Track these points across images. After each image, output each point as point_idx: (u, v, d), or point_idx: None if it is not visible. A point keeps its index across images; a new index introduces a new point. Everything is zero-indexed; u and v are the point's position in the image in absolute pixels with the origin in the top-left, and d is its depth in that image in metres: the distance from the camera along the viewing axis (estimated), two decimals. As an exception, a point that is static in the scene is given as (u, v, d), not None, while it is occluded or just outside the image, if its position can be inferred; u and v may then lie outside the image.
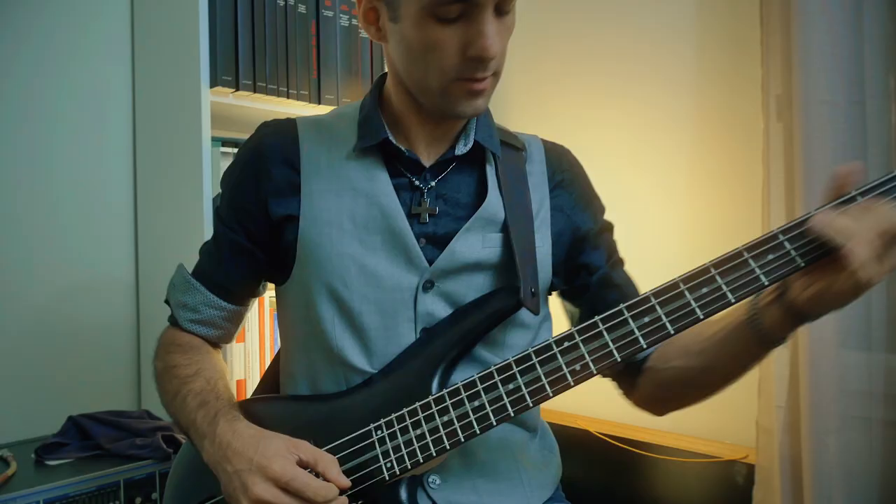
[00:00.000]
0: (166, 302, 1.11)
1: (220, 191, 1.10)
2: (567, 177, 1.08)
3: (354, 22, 1.85)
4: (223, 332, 1.09)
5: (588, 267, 1.06)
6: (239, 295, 1.08)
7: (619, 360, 0.85)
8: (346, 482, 0.86)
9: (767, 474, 1.59)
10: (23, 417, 1.65)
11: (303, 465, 0.85)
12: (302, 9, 1.75)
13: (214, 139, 1.62)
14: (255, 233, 1.02)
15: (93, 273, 1.80)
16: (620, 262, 1.10)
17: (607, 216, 1.12)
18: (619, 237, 1.17)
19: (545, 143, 1.12)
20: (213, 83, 1.60)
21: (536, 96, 2.17)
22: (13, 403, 1.66)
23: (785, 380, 1.57)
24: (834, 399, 1.49)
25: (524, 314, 0.98)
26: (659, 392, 1.02)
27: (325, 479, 0.84)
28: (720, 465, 1.69)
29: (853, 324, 1.49)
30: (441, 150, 1.01)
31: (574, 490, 1.87)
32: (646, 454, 1.77)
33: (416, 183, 0.99)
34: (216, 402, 0.95)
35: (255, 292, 1.10)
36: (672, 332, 0.84)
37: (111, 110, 1.82)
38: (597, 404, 1.86)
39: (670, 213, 1.89)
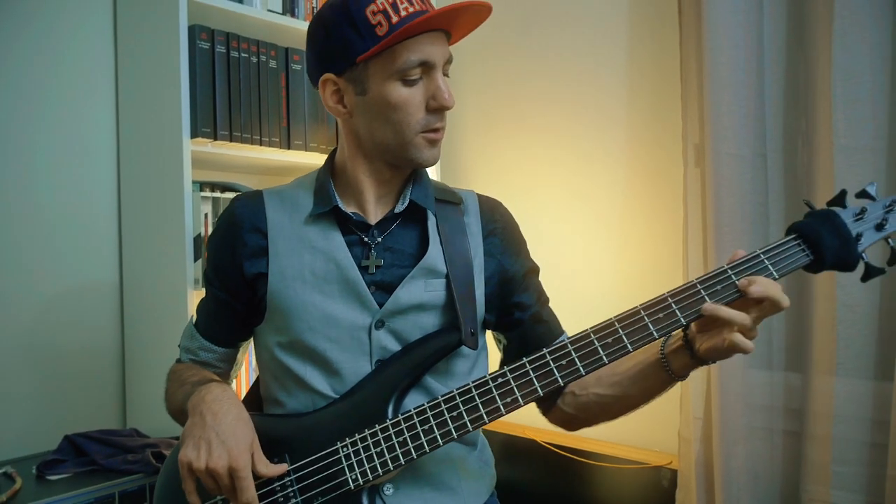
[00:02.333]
0: (179, 346, 1.31)
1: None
2: (498, 226, 1.26)
3: (321, 73, 2.03)
4: (220, 371, 1.28)
5: (520, 305, 1.24)
6: (227, 340, 1.27)
7: (541, 395, 1.05)
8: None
9: (687, 479, 1.79)
10: (18, 435, 1.81)
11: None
12: (273, 64, 1.94)
13: (195, 182, 1.80)
14: (235, 289, 1.21)
15: (80, 305, 1.96)
16: (547, 300, 1.29)
17: (550, 252, 1.32)
18: (559, 268, 1.31)
19: (479, 196, 1.30)
20: (194, 134, 1.78)
21: (486, 149, 2.38)
22: (11, 424, 1.82)
23: (701, 394, 1.78)
24: (740, 412, 1.70)
25: (464, 347, 1.17)
26: (576, 413, 1.23)
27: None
28: (648, 470, 1.89)
29: (757, 346, 1.67)
30: (386, 208, 1.20)
31: (521, 493, 2.07)
32: (585, 461, 1.96)
33: (365, 239, 1.17)
34: (212, 380, 1.15)
35: (243, 336, 1.28)
36: (583, 373, 1.05)
37: (97, 161, 1.98)
38: (542, 417, 2.06)
39: (602, 248, 2.09)
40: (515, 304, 1.24)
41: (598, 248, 2.10)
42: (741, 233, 1.68)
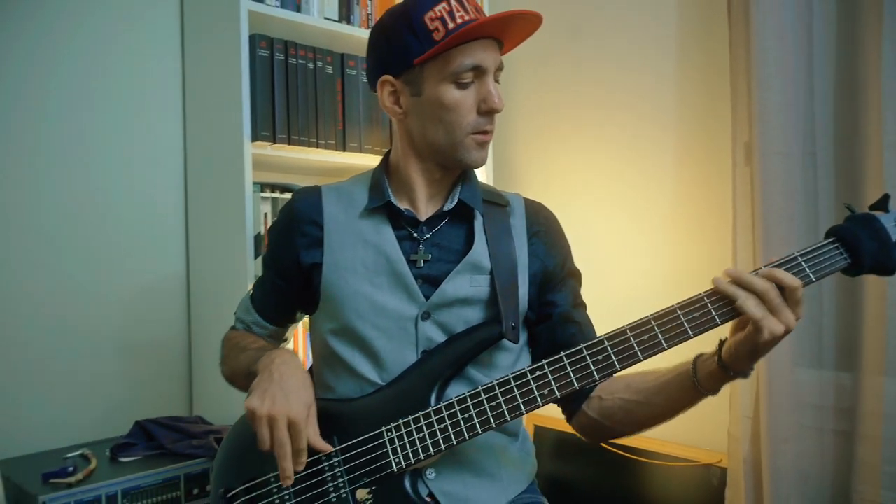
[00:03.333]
0: (234, 314, 1.41)
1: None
2: (542, 229, 1.31)
3: (376, 78, 2.11)
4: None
5: (554, 303, 1.28)
6: (278, 320, 1.36)
7: (577, 388, 1.08)
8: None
9: (736, 477, 1.79)
10: (94, 420, 1.94)
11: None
12: (329, 69, 2.02)
13: (255, 184, 1.90)
14: (290, 276, 1.29)
15: (152, 302, 2.08)
16: (582, 305, 1.32)
17: (599, 251, 1.33)
18: (608, 268, 1.28)
19: (526, 200, 1.35)
20: (255, 138, 1.87)
21: (537, 148, 2.41)
22: (88, 410, 1.95)
23: (750, 393, 1.77)
24: (789, 411, 1.68)
25: (506, 341, 1.21)
26: (599, 419, 1.23)
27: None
28: (698, 468, 1.89)
29: (806, 345, 1.69)
30: (436, 207, 1.26)
31: (572, 490, 2.10)
32: (635, 458, 1.98)
33: (414, 235, 1.24)
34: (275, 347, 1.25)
35: (292, 319, 1.38)
36: (619, 368, 1.07)
37: (166, 164, 2.10)
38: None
39: (652, 247, 2.10)
40: (549, 302, 1.28)
41: (648, 247, 2.11)
42: (790, 231, 1.67)
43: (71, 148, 1.95)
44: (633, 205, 2.14)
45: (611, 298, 1.57)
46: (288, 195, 1.99)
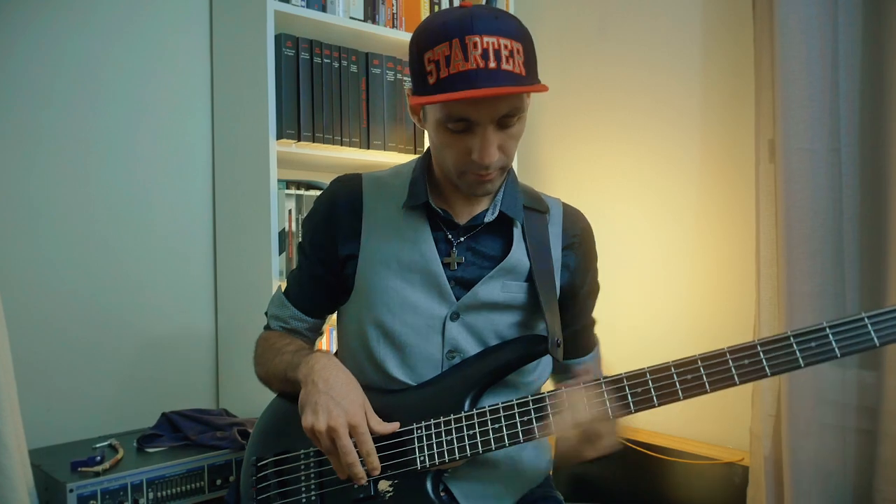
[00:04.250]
0: (266, 314, 1.38)
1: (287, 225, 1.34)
2: (577, 240, 1.29)
3: (399, 77, 2.14)
4: (307, 340, 1.35)
5: (565, 318, 1.26)
6: (316, 311, 1.32)
7: (612, 418, 1.07)
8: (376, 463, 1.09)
9: (758, 475, 1.77)
10: (122, 412, 1.98)
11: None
12: (354, 68, 2.05)
13: (280, 181, 1.92)
14: (328, 263, 1.26)
15: (180, 296, 2.12)
16: (592, 322, 1.35)
17: (624, 248, 1.31)
18: (633, 265, 1.22)
19: (564, 205, 1.33)
20: (280, 136, 1.90)
21: (563, 145, 2.42)
22: (116, 402, 1.99)
23: (773, 391, 1.76)
24: (810, 409, 1.67)
25: None
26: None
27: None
28: (720, 466, 1.88)
29: (830, 343, 1.67)
30: (473, 211, 1.23)
31: (594, 487, 2.10)
32: (658, 456, 1.97)
33: (450, 237, 1.23)
34: (311, 349, 1.23)
35: (330, 309, 1.33)
36: (657, 404, 1.06)
37: (194, 158, 2.15)
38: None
39: (676, 244, 2.10)
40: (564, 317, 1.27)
41: (672, 244, 2.10)
42: (814, 227, 1.66)
43: (103, 145, 1.99)
44: (657, 202, 2.14)
45: (635, 292, 1.56)
46: (313, 192, 2.02)
